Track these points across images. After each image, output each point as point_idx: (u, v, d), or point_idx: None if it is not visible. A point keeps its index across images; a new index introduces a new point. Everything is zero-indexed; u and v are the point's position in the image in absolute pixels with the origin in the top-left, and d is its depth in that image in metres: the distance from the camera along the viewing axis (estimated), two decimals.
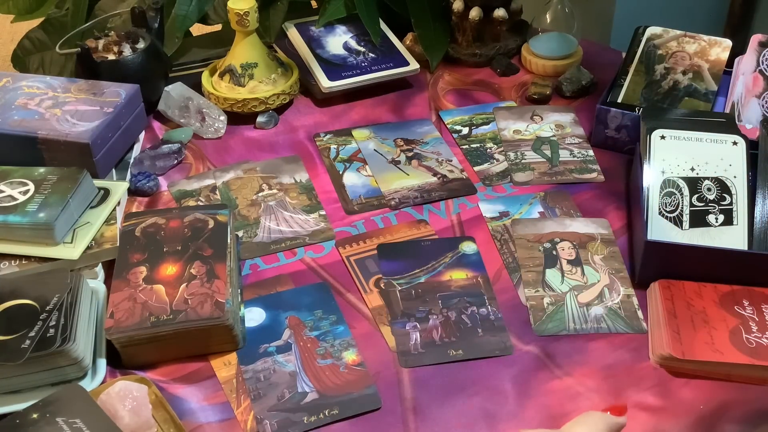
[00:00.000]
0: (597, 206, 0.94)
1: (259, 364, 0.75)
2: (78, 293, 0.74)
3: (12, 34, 2.48)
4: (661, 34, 1.10)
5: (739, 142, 0.87)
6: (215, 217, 0.84)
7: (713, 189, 0.85)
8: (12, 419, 0.64)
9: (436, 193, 0.97)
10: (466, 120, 1.10)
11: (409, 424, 0.69)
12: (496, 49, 1.22)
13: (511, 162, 1.02)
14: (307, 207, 0.95)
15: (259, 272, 0.86)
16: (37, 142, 0.94)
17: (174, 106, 1.08)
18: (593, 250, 0.87)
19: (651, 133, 0.89)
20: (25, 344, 0.68)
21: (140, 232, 0.83)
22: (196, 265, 0.78)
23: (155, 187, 0.98)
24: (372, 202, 0.96)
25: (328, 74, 1.12)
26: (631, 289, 0.82)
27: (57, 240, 0.82)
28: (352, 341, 0.77)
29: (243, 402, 0.71)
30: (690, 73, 1.05)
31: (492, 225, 0.92)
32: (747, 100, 0.99)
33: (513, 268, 0.85)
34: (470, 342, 0.77)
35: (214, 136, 1.08)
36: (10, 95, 1.01)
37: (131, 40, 1.10)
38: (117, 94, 1.00)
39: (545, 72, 1.19)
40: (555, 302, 0.81)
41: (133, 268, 0.78)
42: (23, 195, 0.85)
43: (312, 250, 0.89)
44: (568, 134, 1.06)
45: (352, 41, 1.19)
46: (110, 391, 0.68)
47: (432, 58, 1.20)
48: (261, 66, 1.10)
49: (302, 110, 1.14)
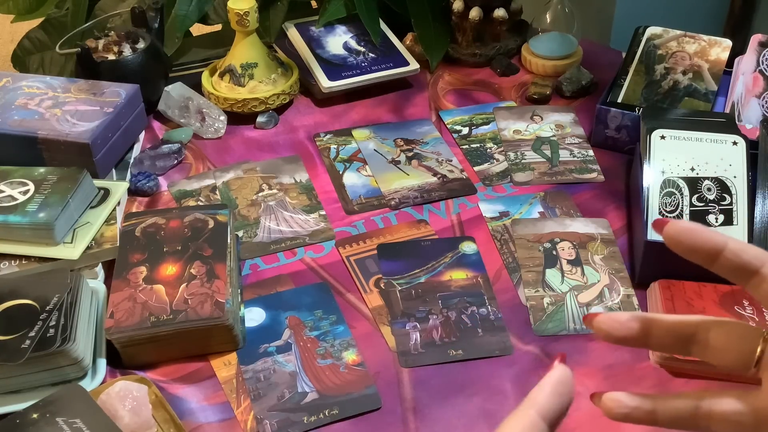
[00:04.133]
0: (597, 206, 0.94)
1: (259, 364, 0.75)
2: (78, 293, 0.74)
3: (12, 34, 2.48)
4: (661, 34, 1.10)
5: (739, 142, 0.87)
6: (215, 217, 0.84)
7: (713, 189, 0.85)
8: (12, 419, 0.64)
9: (436, 193, 0.97)
10: (466, 120, 1.10)
11: (409, 424, 0.69)
12: (496, 49, 1.22)
13: (511, 162, 1.02)
14: (307, 207, 0.95)
15: (259, 272, 0.86)
16: (37, 142, 0.94)
17: (174, 106, 1.08)
18: (593, 250, 0.87)
19: (651, 133, 0.89)
20: (25, 344, 0.68)
21: (140, 232, 0.83)
22: (196, 265, 0.78)
23: (155, 187, 0.98)
24: (372, 202, 0.96)
25: (328, 74, 1.12)
26: (631, 289, 0.82)
27: (57, 240, 0.82)
28: (352, 341, 0.77)
29: (243, 402, 0.71)
30: (690, 73, 1.05)
31: (492, 225, 0.92)
32: (747, 100, 0.99)
33: (513, 268, 0.85)
34: (470, 342, 0.77)
35: (214, 136, 1.08)
36: (10, 95, 1.01)
37: (131, 40, 1.10)
38: (117, 94, 1.00)
39: (545, 72, 1.19)
40: (555, 302, 0.81)
41: (133, 268, 0.78)
42: (23, 195, 0.85)
43: (312, 250, 0.89)
44: (568, 134, 1.06)
45: (352, 41, 1.19)
46: (110, 391, 0.68)
47: (432, 58, 1.20)
48: (261, 66, 1.10)
49: (302, 110, 1.14)
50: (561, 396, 0.38)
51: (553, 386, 0.38)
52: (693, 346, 0.40)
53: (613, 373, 0.73)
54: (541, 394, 0.38)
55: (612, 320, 0.40)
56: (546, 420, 0.37)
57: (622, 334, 0.40)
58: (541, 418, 0.37)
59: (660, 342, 0.40)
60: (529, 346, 0.76)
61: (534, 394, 0.38)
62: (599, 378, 0.73)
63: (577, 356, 0.75)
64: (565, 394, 0.39)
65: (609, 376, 0.73)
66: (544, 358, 0.75)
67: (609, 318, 0.40)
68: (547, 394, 0.38)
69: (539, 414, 0.37)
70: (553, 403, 0.38)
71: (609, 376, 0.73)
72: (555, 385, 0.38)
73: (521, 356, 0.75)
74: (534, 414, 0.37)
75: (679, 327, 0.40)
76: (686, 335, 0.39)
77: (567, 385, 0.39)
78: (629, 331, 0.40)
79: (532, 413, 0.37)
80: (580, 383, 0.73)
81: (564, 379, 0.39)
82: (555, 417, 0.37)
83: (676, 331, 0.40)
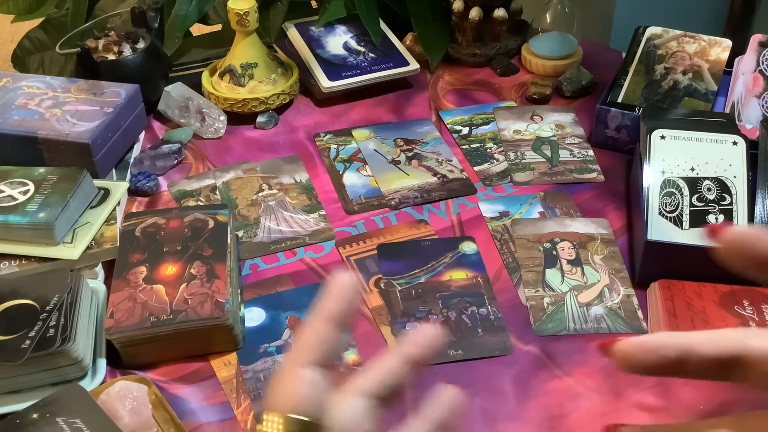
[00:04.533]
0: (597, 206, 0.94)
1: (259, 364, 0.75)
2: (78, 293, 0.74)
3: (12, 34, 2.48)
4: (661, 34, 1.10)
5: (739, 142, 0.87)
6: (215, 217, 0.84)
7: (713, 189, 0.85)
8: (12, 419, 0.64)
9: (436, 193, 0.97)
10: (466, 120, 1.10)
11: None
12: (496, 49, 1.22)
13: (511, 162, 1.02)
14: (307, 207, 0.95)
15: (259, 272, 0.86)
16: (37, 142, 0.94)
17: (174, 106, 1.08)
18: (593, 250, 0.87)
19: (651, 133, 0.89)
20: (25, 344, 0.68)
21: (140, 232, 0.83)
22: (196, 265, 0.78)
23: (155, 187, 0.98)
24: (372, 202, 0.96)
25: (328, 74, 1.12)
26: (631, 289, 0.82)
27: (57, 240, 0.82)
28: (352, 341, 0.77)
29: (243, 402, 0.71)
30: (690, 73, 1.05)
31: (492, 225, 0.92)
32: (747, 100, 0.99)
33: (513, 268, 0.85)
34: (470, 342, 0.77)
35: (214, 136, 1.08)
36: (10, 95, 1.01)
37: (131, 40, 1.10)
38: (117, 94, 1.00)
39: (545, 72, 1.19)
40: (555, 302, 0.81)
41: (133, 268, 0.78)
42: (23, 195, 0.85)
43: (312, 250, 0.89)
44: (568, 134, 1.06)
45: (352, 41, 1.19)
46: (110, 391, 0.68)
47: (432, 58, 1.20)
48: (261, 66, 1.10)
49: (302, 110, 1.14)
50: (344, 300, 0.38)
51: (334, 292, 0.38)
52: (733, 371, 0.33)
53: (613, 373, 0.73)
54: (324, 302, 0.37)
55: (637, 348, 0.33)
56: (331, 322, 0.37)
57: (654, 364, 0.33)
58: (325, 321, 0.37)
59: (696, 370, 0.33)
60: (529, 346, 0.76)
61: (319, 303, 0.38)
62: (599, 378, 0.73)
63: (577, 356, 0.75)
64: (349, 298, 0.38)
65: (609, 376, 0.73)
66: (544, 358, 0.75)
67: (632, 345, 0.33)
68: (330, 300, 0.37)
69: (323, 318, 0.37)
70: (335, 307, 0.37)
71: (609, 376, 0.73)
72: (337, 291, 0.38)
73: (521, 356, 0.75)
74: (317, 319, 0.37)
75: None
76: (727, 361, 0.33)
77: (349, 290, 0.38)
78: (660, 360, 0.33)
79: (316, 319, 0.37)
80: (580, 383, 0.73)
81: (346, 285, 0.38)
82: (340, 319, 0.37)
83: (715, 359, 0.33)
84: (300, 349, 0.37)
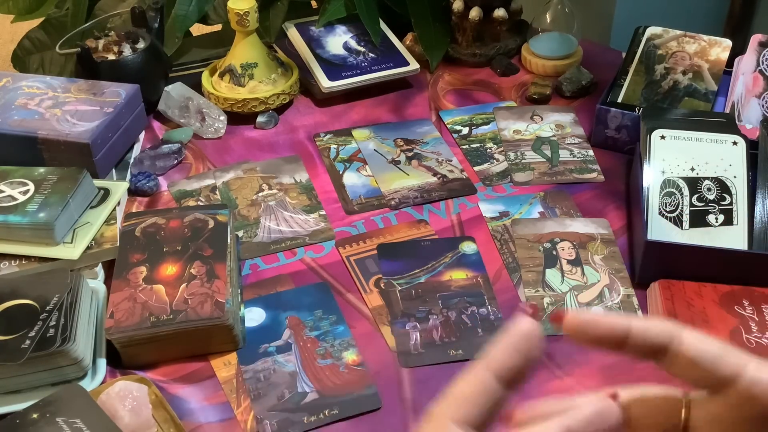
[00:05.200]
0: (597, 206, 0.94)
1: (259, 364, 0.75)
2: (78, 293, 0.74)
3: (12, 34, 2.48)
4: (661, 34, 1.10)
5: (739, 142, 0.87)
6: (215, 217, 0.84)
7: (713, 189, 0.85)
8: (12, 419, 0.64)
9: (436, 193, 0.97)
10: (466, 120, 1.10)
11: (409, 424, 0.69)
12: (496, 49, 1.22)
13: (511, 162, 1.02)
14: (307, 207, 0.95)
15: (259, 272, 0.86)
16: (37, 142, 0.94)
17: (174, 106, 1.08)
18: (593, 250, 0.87)
19: (651, 133, 0.89)
20: (25, 344, 0.68)
21: (140, 232, 0.83)
22: (196, 265, 0.78)
23: (155, 187, 0.98)
24: (372, 202, 0.96)
25: (328, 74, 1.12)
26: (631, 289, 0.82)
27: (57, 240, 0.82)
28: (352, 341, 0.77)
29: (243, 402, 0.71)
30: (690, 73, 1.05)
31: (492, 225, 0.92)
32: (747, 100, 0.99)
33: (513, 268, 0.85)
34: (470, 342, 0.77)
35: (214, 136, 1.08)
36: (10, 95, 1.01)
37: (131, 40, 1.10)
38: (117, 94, 1.00)
39: (545, 72, 1.19)
40: (555, 302, 0.81)
41: (133, 268, 0.78)
42: (23, 195, 0.85)
43: (312, 250, 0.89)
44: (568, 134, 1.06)
45: (352, 41, 1.19)
46: (110, 391, 0.68)
47: (432, 58, 1.20)
48: (261, 66, 1.10)
49: (302, 110, 1.14)
50: (520, 352, 0.33)
51: (510, 340, 0.34)
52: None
53: (613, 373, 0.73)
54: (495, 349, 0.33)
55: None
56: (498, 376, 0.33)
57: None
58: (492, 374, 0.33)
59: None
60: None
61: (489, 349, 0.33)
62: (599, 378, 0.73)
63: (577, 356, 0.75)
64: (527, 350, 0.33)
65: (609, 376, 0.73)
66: (544, 358, 0.75)
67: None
68: (502, 348, 0.33)
69: (490, 369, 0.33)
70: (508, 359, 0.33)
71: (609, 376, 0.73)
72: (513, 339, 0.34)
73: None
74: (483, 369, 0.33)
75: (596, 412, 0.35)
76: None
77: (530, 340, 0.34)
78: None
79: (481, 368, 0.33)
80: (580, 383, 0.73)
81: (526, 334, 0.34)
82: (511, 374, 0.33)
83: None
84: (455, 401, 0.33)
